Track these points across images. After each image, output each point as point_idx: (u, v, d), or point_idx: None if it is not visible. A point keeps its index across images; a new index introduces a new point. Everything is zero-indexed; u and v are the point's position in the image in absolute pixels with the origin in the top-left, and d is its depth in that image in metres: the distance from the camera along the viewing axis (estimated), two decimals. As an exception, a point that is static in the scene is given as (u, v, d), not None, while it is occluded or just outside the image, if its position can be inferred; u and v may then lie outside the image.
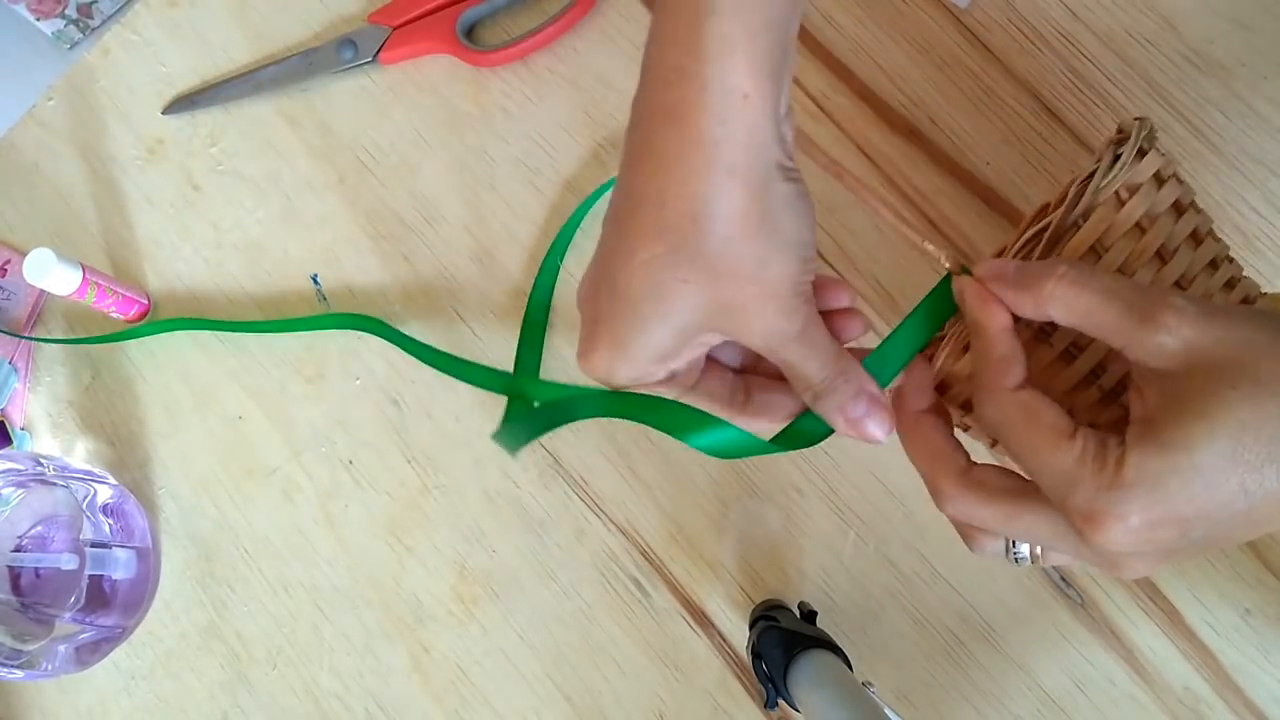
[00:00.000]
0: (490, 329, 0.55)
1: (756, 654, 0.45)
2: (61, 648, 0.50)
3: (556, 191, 0.56)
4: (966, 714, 0.48)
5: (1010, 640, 0.48)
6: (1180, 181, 0.37)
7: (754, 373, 0.37)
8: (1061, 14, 0.53)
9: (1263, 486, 0.27)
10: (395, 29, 0.58)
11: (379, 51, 0.58)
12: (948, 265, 0.35)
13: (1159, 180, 0.36)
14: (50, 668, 0.50)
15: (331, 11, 0.60)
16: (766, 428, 0.35)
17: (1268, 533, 0.30)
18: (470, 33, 0.58)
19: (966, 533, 0.34)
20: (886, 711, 0.39)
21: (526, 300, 0.54)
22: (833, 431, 0.34)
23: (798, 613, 0.48)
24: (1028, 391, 0.31)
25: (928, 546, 0.49)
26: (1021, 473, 0.31)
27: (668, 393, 0.34)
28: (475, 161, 0.57)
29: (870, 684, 0.47)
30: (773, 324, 0.32)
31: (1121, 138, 0.38)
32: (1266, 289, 0.49)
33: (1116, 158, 0.36)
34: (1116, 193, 0.35)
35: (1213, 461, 0.27)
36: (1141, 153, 0.36)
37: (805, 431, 0.35)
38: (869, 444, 0.34)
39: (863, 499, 0.50)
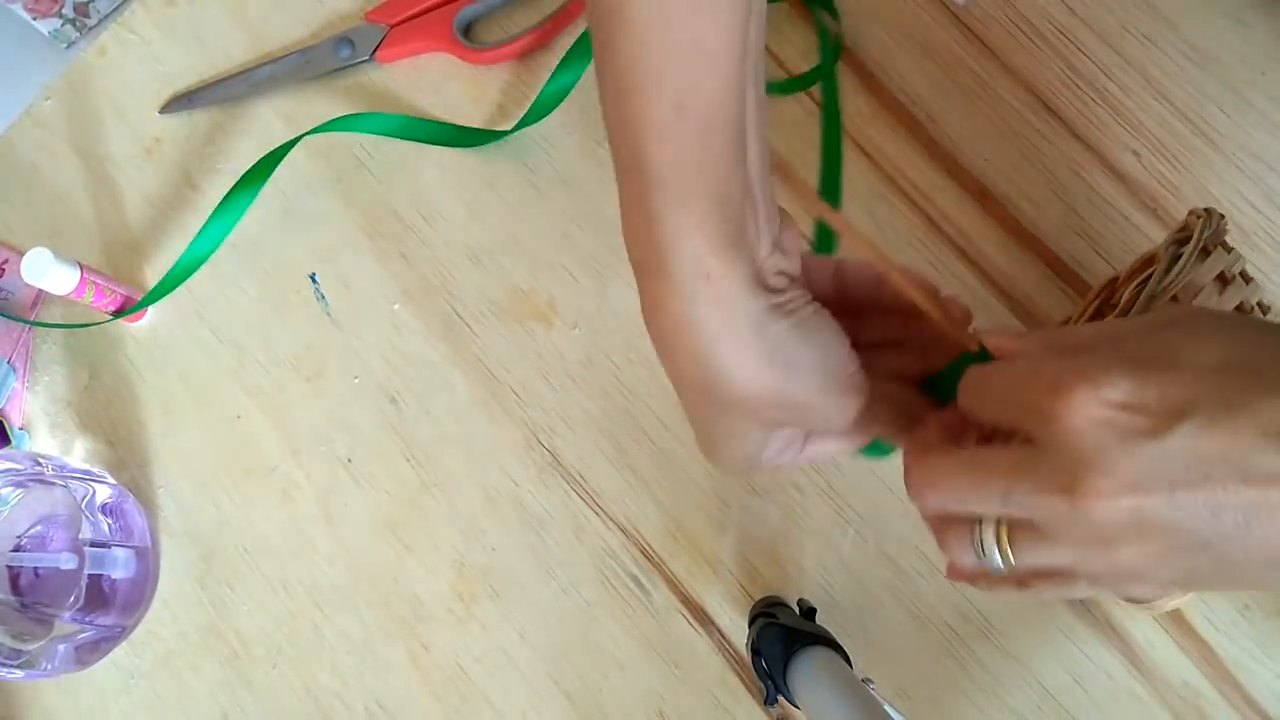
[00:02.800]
0: (488, 327, 0.55)
1: (756, 651, 0.45)
2: (61, 647, 0.50)
3: (554, 189, 0.56)
4: (966, 710, 0.48)
5: (1009, 636, 0.48)
6: (1248, 280, 0.35)
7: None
8: (1059, 10, 0.53)
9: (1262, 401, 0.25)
10: (392, 27, 0.58)
11: (376, 50, 0.58)
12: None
13: (1223, 281, 0.34)
14: (50, 667, 0.50)
15: (328, 10, 0.60)
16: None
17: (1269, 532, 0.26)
18: (467, 31, 0.58)
19: (935, 533, 0.33)
20: (886, 708, 0.39)
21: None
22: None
23: (797, 609, 0.48)
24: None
25: (927, 543, 0.49)
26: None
27: (785, 456, 0.35)
28: (473, 159, 0.57)
29: (870, 680, 0.47)
30: (829, 423, 0.33)
31: (1183, 235, 0.36)
32: (1266, 285, 0.49)
33: (1177, 257, 0.34)
34: (1175, 296, 0.33)
35: (1208, 361, 0.26)
36: (1205, 251, 0.34)
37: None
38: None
39: (861, 496, 0.50)
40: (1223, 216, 0.36)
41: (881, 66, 0.54)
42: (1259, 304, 0.36)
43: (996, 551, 0.30)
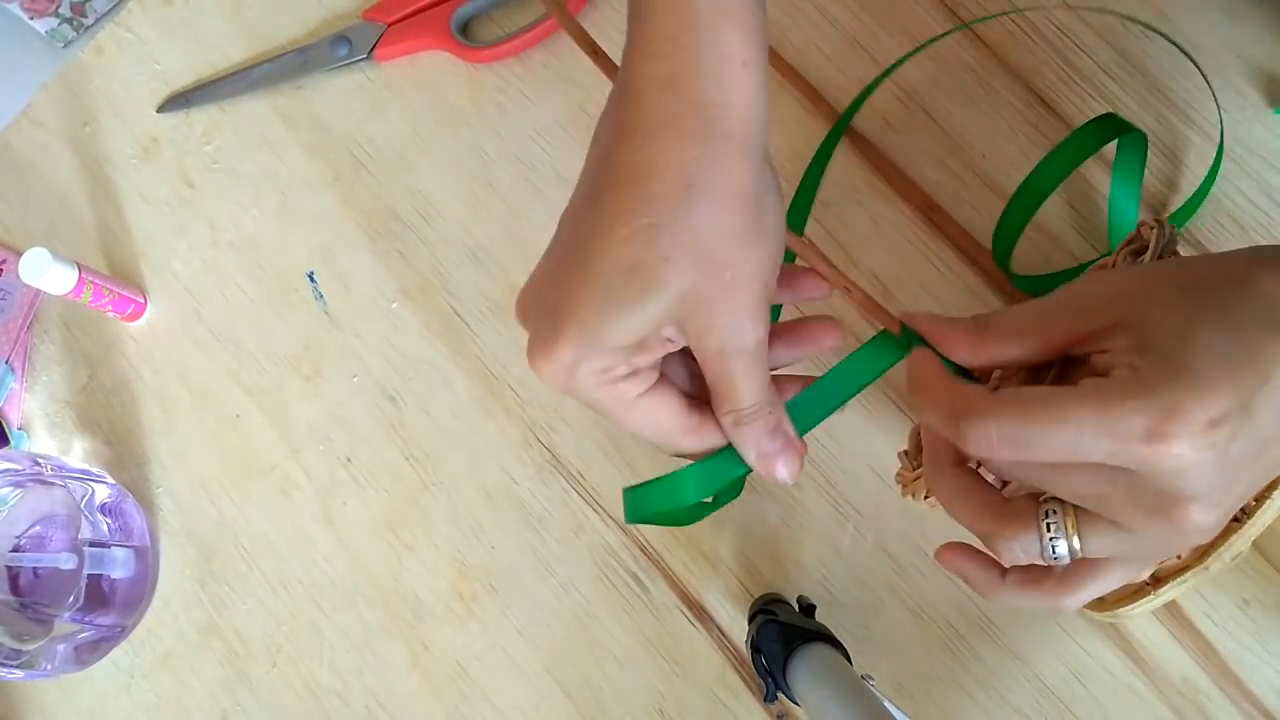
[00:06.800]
0: (487, 326, 0.55)
1: (755, 648, 0.45)
2: (61, 647, 0.50)
3: (553, 187, 0.56)
4: (966, 706, 0.48)
5: (1008, 632, 0.48)
6: None
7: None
8: (1057, 7, 0.53)
9: (1276, 364, 0.26)
10: (390, 25, 0.58)
11: (374, 48, 0.58)
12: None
13: None
14: (50, 667, 0.50)
15: (326, 8, 0.60)
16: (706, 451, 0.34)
17: None
18: (465, 29, 0.58)
19: (988, 527, 0.32)
20: (886, 704, 0.40)
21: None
22: (743, 474, 0.33)
23: (796, 606, 0.48)
24: (1013, 385, 0.31)
25: (926, 539, 0.49)
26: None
27: (628, 390, 0.31)
28: (471, 158, 0.57)
29: (870, 677, 0.47)
30: (738, 324, 0.30)
31: (1137, 247, 0.37)
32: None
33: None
34: None
35: (1218, 345, 0.27)
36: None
37: (718, 470, 0.34)
38: (775, 484, 0.33)
39: (860, 492, 0.50)
40: (1175, 226, 0.37)
41: (878, 62, 0.54)
42: None
43: (1064, 540, 0.30)
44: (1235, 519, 0.36)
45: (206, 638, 0.54)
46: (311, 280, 0.57)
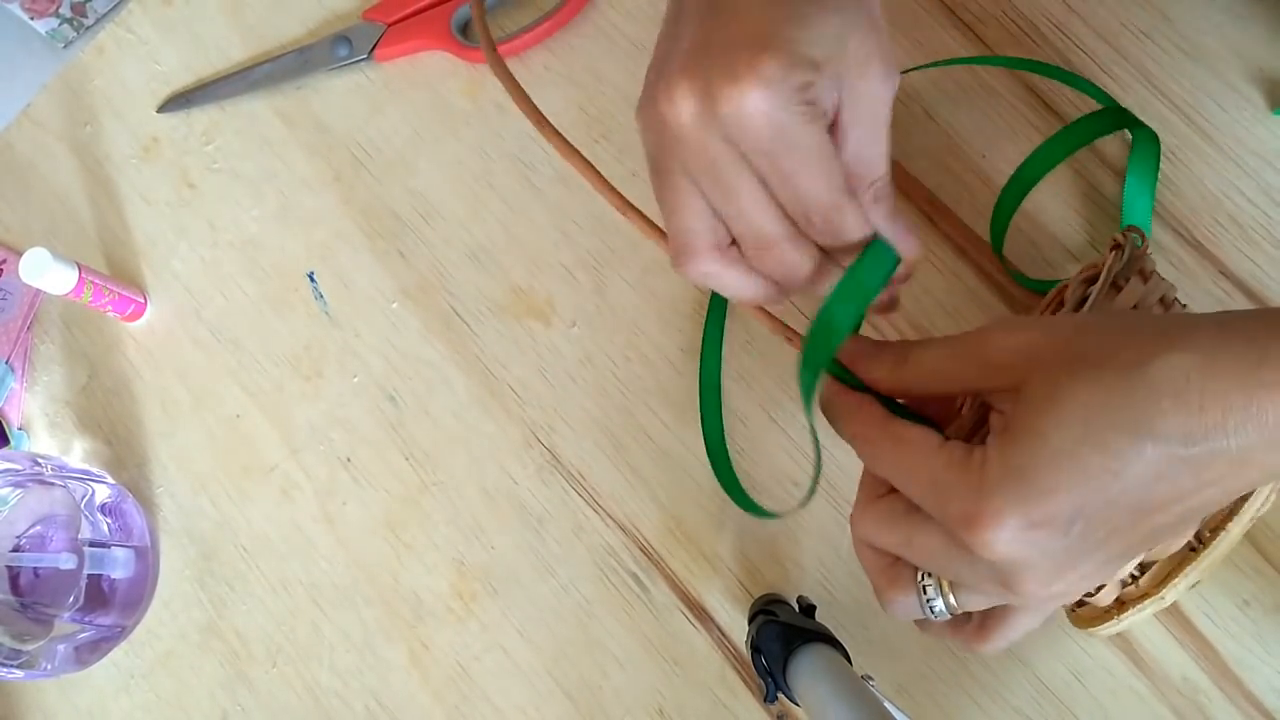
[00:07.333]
0: (487, 326, 0.55)
1: (755, 648, 0.45)
2: (61, 647, 0.50)
3: (553, 188, 0.56)
4: (966, 707, 0.48)
5: (1009, 633, 0.48)
6: (1167, 307, 0.38)
7: None
8: (1057, 7, 0.53)
9: (1130, 466, 0.27)
10: (390, 26, 0.58)
11: (374, 48, 0.58)
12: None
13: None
14: (50, 667, 0.50)
15: (326, 9, 0.60)
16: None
17: (1179, 521, 0.28)
18: (465, 29, 0.58)
19: (878, 584, 0.34)
20: (886, 705, 0.39)
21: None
22: (891, 268, 0.33)
23: (796, 607, 0.48)
24: (896, 420, 0.32)
25: (926, 540, 0.49)
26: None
27: (820, 112, 0.31)
28: (471, 158, 0.57)
29: (870, 677, 0.47)
30: (888, 76, 0.31)
31: (1091, 274, 0.38)
32: (1263, 280, 0.49)
33: (1084, 299, 0.37)
34: None
35: (1067, 445, 0.27)
36: (1117, 287, 0.37)
37: (870, 271, 0.33)
38: (904, 258, 0.34)
39: (861, 493, 0.50)
40: (1142, 242, 0.37)
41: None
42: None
43: (940, 599, 0.32)
44: (1192, 549, 0.36)
45: (206, 638, 0.54)
46: (311, 280, 0.57)
